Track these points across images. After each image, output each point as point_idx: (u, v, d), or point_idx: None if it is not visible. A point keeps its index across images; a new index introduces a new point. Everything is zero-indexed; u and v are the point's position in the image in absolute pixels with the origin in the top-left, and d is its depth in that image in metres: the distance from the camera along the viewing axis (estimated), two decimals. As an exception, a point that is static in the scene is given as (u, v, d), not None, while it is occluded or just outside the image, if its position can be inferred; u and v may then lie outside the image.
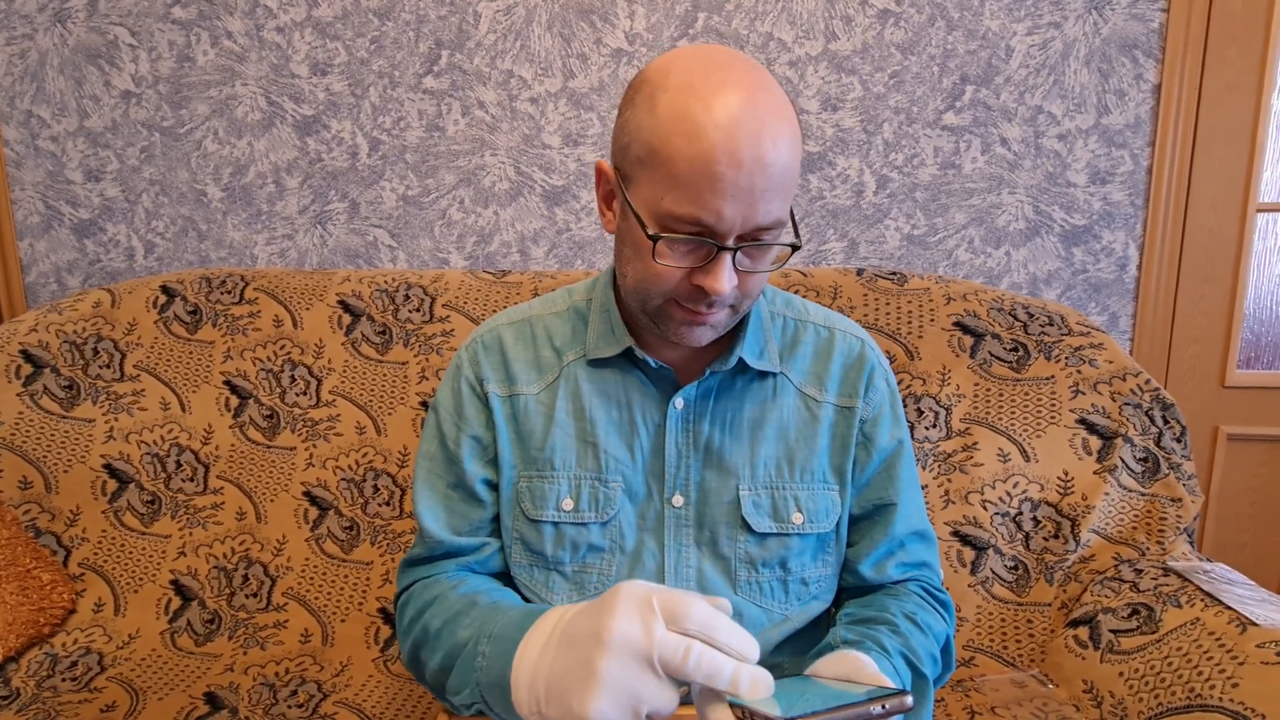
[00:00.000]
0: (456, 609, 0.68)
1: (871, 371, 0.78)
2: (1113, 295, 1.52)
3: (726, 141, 0.58)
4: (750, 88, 0.60)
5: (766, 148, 0.59)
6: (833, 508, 0.76)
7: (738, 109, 0.59)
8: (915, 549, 0.78)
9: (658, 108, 0.61)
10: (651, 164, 0.62)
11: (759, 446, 0.75)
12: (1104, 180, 1.48)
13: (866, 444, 0.77)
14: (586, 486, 0.75)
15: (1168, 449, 1.19)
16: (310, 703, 1.10)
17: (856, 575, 0.77)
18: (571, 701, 0.48)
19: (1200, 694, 0.86)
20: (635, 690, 0.47)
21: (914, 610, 0.72)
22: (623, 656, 0.47)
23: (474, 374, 0.78)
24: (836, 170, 1.50)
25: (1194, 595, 0.99)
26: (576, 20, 1.47)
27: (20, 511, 1.29)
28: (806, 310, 0.81)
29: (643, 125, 0.62)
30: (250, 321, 1.37)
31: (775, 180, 0.60)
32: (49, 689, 1.13)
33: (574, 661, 0.49)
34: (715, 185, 0.59)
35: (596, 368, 0.76)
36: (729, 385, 0.76)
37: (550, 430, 0.76)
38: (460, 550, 0.77)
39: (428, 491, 0.78)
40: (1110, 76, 1.44)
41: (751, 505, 0.74)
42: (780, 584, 0.75)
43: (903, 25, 1.45)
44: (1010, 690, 1.07)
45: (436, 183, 1.54)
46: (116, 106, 1.54)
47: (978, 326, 1.26)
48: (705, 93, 0.59)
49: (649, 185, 0.63)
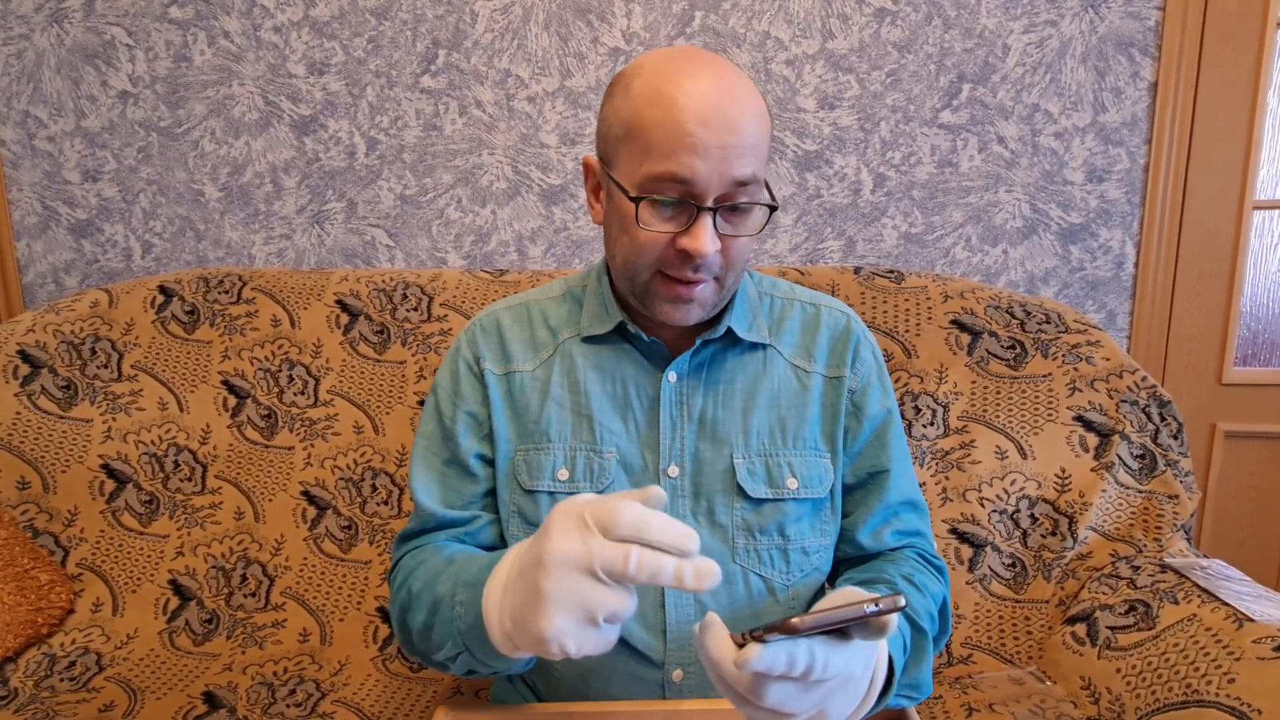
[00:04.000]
0: (437, 569, 0.69)
1: (858, 343, 0.80)
2: (1110, 293, 1.52)
3: (695, 105, 0.63)
4: (716, 69, 0.66)
5: (733, 112, 0.64)
6: (825, 474, 0.77)
7: (705, 83, 0.64)
8: (909, 518, 0.80)
9: (631, 91, 0.66)
10: (629, 139, 0.66)
11: (751, 416, 0.77)
12: (1101, 178, 1.48)
13: (857, 413, 0.79)
14: (581, 457, 0.76)
15: (1164, 446, 1.19)
16: (309, 702, 1.10)
17: (854, 544, 0.79)
18: (530, 625, 0.50)
19: (1197, 690, 0.87)
20: (585, 600, 0.49)
21: (911, 572, 0.74)
22: (565, 572, 0.49)
23: (471, 354, 0.80)
24: (834, 169, 1.50)
25: (1191, 592, 0.99)
26: (574, 19, 1.47)
27: (18, 512, 1.29)
28: (793, 290, 0.84)
29: (619, 109, 0.67)
30: (248, 321, 1.37)
31: (745, 140, 0.64)
32: (47, 689, 1.13)
33: (527, 589, 0.51)
34: (687, 143, 0.63)
35: (591, 344, 0.78)
36: (720, 358, 0.78)
37: (545, 404, 0.77)
38: (452, 522, 0.78)
39: (423, 468, 0.80)
40: (1107, 74, 1.44)
41: (746, 472, 0.75)
42: (780, 552, 0.76)
43: (899, 24, 1.45)
44: (1008, 687, 1.07)
45: (434, 182, 1.54)
46: (114, 107, 1.54)
47: (975, 324, 1.26)
48: (675, 73, 0.65)
49: (628, 159, 0.67)
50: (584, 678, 0.76)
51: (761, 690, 0.47)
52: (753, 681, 0.47)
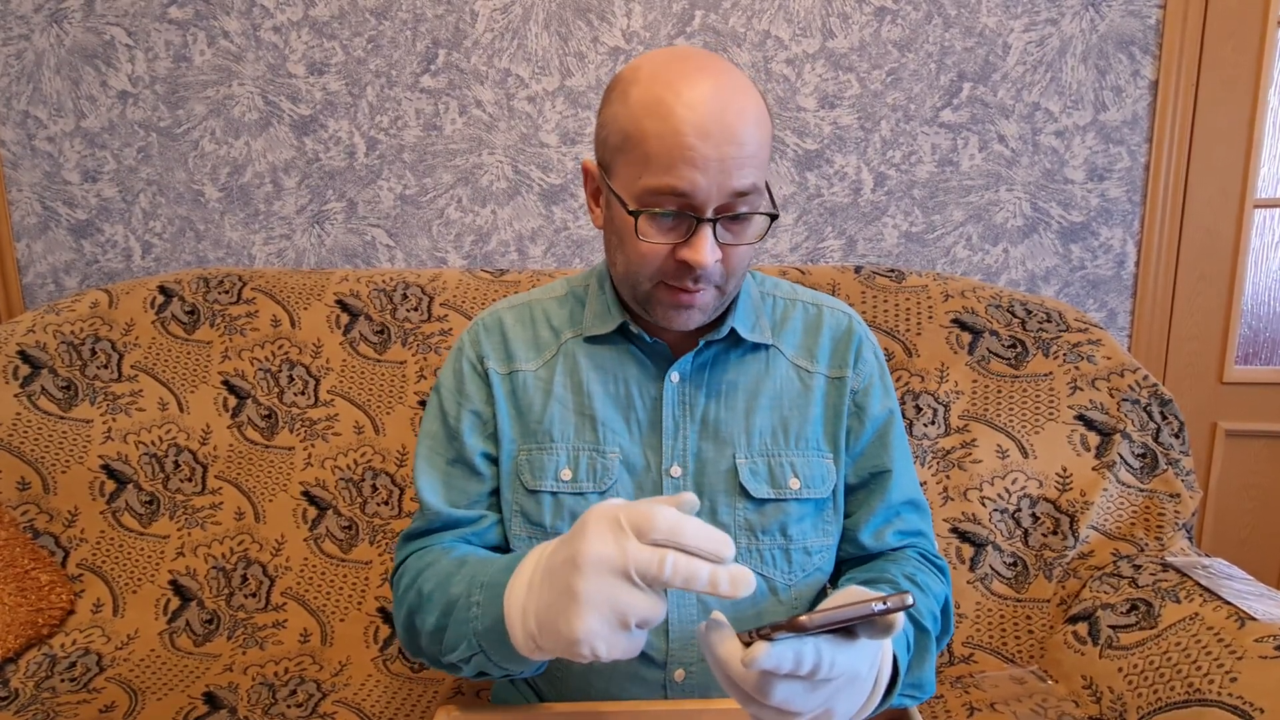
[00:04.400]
0: (448, 570, 0.69)
1: (860, 344, 0.80)
2: (1111, 292, 1.52)
3: (693, 116, 0.62)
4: (715, 74, 0.64)
5: (732, 120, 0.63)
6: (828, 475, 0.77)
7: (704, 90, 0.63)
8: (911, 518, 0.80)
9: (630, 98, 0.65)
10: (627, 148, 0.65)
11: (754, 416, 0.77)
12: (1102, 177, 1.48)
13: (859, 413, 0.79)
14: (585, 457, 0.76)
15: (1166, 445, 1.19)
16: (309, 702, 1.10)
17: (856, 544, 0.79)
18: (561, 627, 0.49)
19: (1199, 689, 0.86)
20: (619, 604, 0.48)
21: (913, 572, 0.74)
22: (601, 575, 0.48)
23: (475, 353, 0.80)
24: (834, 168, 1.50)
25: (1192, 590, 0.99)
26: (574, 19, 1.47)
27: (18, 512, 1.29)
28: (795, 291, 0.84)
29: (618, 115, 0.66)
30: (248, 321, 1.37)
31: (744, 150, 0.63)
32: (48, 689, 1.13)
33: (557, 590, 0.50)
34: (686, 156, 0.62)
35: (593, 344, 0.78)
36: (723, 358, 0.78)
37: (548, 404, 0.77)
38: (458, 521, 0.78)
39: (428, 468, 0.80)
40: (1107, 73, 1.44)
41: (749, 473, 0.75)
42: (783, 552, 0.76)
43: (900, 22, 1.45)
44: (1010, 686, 1.07)
45: (434, 182, 1.54)
46: (113, 107, 1.54)
47: (976, 323, 1.26)
48: (673, 80, 0.64)
49: (626, 169, 0.66)
50: (585, 677, 0.76)
51: (768, 689, 0.47)
52: (759, 680, 0.47)
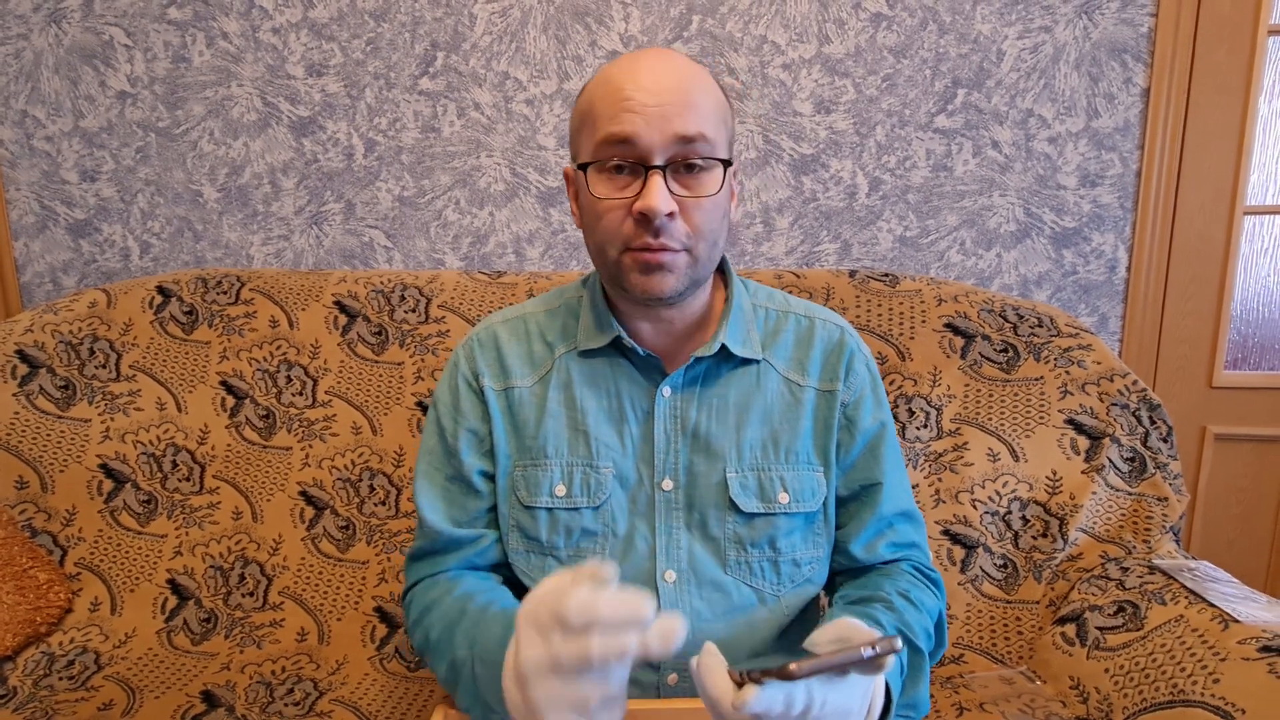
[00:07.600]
0: (451, 618, 0.70)
1: (851, 356, 0.80)
2: (1102, 297, 1.54)
3: (631, 72, 0.68)
4: (664, 53, 0.70)
5: (671, 77, 0.67)
6: (818, 488, 0.78)
7: (647, 59, 0.69)
8: (904, 529, 0.80)
9: (586, 88, 0.73)
10: (582, 123, 0.71)
11: (744, 430, 0.77)
12: (1094, 183, 1.49)
13: (849, 426, 0.79)
14: (579, 473, 0.77)
15: (1154, 449, 1.20)
16: (307, 701, 1.11)
17: (848, 556, 0.79)
18: None
19: (1183, 689, 0.88)
20: (570, 699, 0.49)
21: (907, 588, 0.74)
22: (543, 680, 0.50)
23: (470, 370, 0.81)
24: (829, 172, 1.51)
25: (1179, 593, 1.01)
26: (572, 22, 1.48)
27: (16, 511, 1.29)
28: (788, 303, 0.84)
29: (577, 105, 0.73)
30: (246, 322, 1.37)
31: (685, 98, 0.67)
32: (46, 688, 1.13)
33: (520, 701, 0.52)
34: (626, 104, 0.67)
35: (587, 358, 0.79)
36: (715, 373, 0.78)
37: (543, 420, 0.78)
38: (459, 541, 0.79)
39: (427, 485, 0.81)
40: (1100, 80, 1.45)
41: (739, 487, 0.76)
42: (771, 564, 0.77)
43: (895, 29, 1.46)
44: (999, 687, 1.08)
45: (432, 184, 1.54)
46: (112, 107, 1.54)
47: (968, 328, 1.27)
48: (621, 61, 0.71)
49: (584, 141, 0.71)
50: None
51: None
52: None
